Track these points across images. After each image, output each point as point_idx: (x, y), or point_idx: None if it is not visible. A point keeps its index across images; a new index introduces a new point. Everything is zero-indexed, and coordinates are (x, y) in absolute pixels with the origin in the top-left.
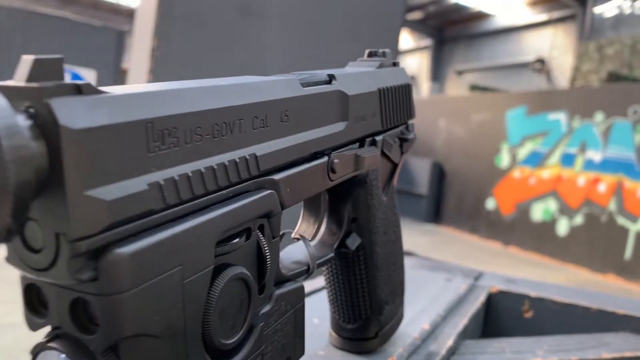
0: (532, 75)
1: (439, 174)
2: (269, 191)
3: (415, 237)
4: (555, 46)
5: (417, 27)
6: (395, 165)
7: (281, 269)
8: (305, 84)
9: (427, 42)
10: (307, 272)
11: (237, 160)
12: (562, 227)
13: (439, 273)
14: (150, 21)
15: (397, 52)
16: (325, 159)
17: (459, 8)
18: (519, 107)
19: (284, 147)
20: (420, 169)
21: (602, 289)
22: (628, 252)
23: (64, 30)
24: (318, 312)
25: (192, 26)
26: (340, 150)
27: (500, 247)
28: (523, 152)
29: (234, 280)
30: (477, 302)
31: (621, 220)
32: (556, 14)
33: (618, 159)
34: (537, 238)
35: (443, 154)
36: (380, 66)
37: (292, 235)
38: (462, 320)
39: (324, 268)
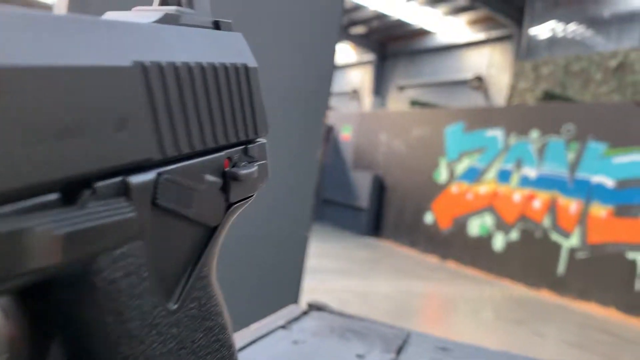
0: (470, 92)
1: (380, 187)
2: None
3: (355, 251)
4: (493, 64)
5: (361, 41)
6: (212, 231)
7: None
8: None
9: (370, 56)
10: None
11: None
12: (498, 242)
13: (352, 343)
14: None
15: (334, 65)
16: None
17: (401, 24)
18: (457, 123)
19: None
20: (361, 182)
21: (537, 304)
22: (561, 268)
23: None
24: None
25: None
26: None
27: (438, 262)
28: (461, 167)
29: None
30: None
31: (554, 236)
32: (494, 34)
33: (552, 176)
34: (474, 253)
35: (384, 168)
36: (169, 20)
37: None
38: None
39: None
